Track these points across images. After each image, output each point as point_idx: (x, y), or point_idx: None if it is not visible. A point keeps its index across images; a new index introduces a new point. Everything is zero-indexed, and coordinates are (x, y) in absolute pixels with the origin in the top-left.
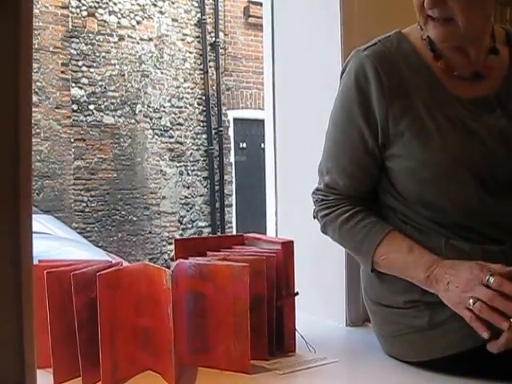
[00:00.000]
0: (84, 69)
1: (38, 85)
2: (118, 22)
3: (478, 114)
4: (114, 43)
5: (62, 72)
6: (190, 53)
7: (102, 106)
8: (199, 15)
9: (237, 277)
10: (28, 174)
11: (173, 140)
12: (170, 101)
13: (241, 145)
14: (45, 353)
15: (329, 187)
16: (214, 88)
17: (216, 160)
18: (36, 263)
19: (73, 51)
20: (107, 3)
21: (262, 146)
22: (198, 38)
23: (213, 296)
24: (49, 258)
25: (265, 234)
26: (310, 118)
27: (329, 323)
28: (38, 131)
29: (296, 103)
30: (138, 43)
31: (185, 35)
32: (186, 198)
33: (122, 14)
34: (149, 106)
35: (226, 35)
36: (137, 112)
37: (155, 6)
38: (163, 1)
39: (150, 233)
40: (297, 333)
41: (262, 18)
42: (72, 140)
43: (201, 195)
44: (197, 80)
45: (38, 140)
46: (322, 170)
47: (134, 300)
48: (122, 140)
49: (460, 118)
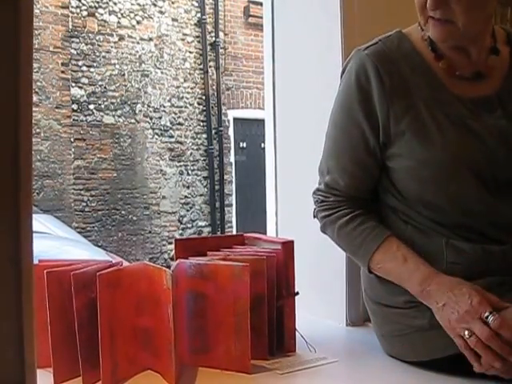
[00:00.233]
0: (84, 68)
1: (38, 84)
2: (118, 22)
3: (478, 114)
4: (114, 43)
5: (62, 72)
6: (190, 52)
7: (102, 106)
8: (199, 15)
9: (237, 276)
10: (28, 173)
11: (173, 140)
12: (170, 100)
13: (241, 144)
14: (45, 352)
15: (329, 187)
16: (214, 88)
17: (216, 160)
18: (36, 263)
19: (73, 51)
20: (107, 3)
21: (261, 145)
22: (198, 37)
23: (213, 296)
24: (49, 257)
25: (265, 233)
26: (311, 117)
27: (329, 323)
28: (38, 131)
29: (296, 103)
30: (138, 43)
31: (185, 35)
32: (185, 197)
33: (122, 14)
34: (149, 106)
35: (226, 35)
36: (137, 112)
37: (155, 5)
38: (163, 1)
39: (150, 232)
40: (297, 333)
41: (262, 17)
42: (72, 140)
43: (201, 195)
44: (197, 80)
45: (38, 140)
46: (323, 170)
47: (134, 300)
48: (122, 140)
49: (461, 117)
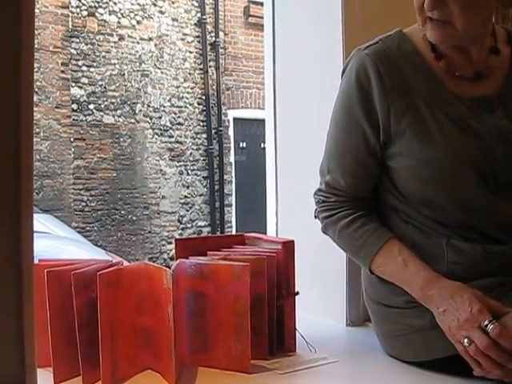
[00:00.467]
0: (84, 68)
1: (38, 84)
2: (118, 22)
3: (479, 114)
4: (114, 43)
5: (62, 72)
6: (190, 52)
7: (102, 106)
8: (199, 15)
9: (237, 276)
10: (29, 174)
11: (173, 139)
12: (169, 100)
13: (241, 144)
14: (45, 352)
15: (330, 187)
16: (214, 88)
17: (216, 160)
18: (36, 262)
19: (73, 51)
20: (107, 3)
21: (261, 145)
22: (198, 37)
23: (213, 295)
24: (48, 257)
25: (264, 234)
26: (311, 117)
27: (329, 323)
28: (37, 131)
29: (297, 103)
30: (138, 43)
31: (185, 35)
32: (185, 197)
33: (122, 14)
34: (149, 106)
35: (226, 35)
36: (137, 111)
37: (155, 5)
38: (163, 0)
39: (150, 232)
40: (297, 332)
41: (262, 17)
42: (72, 139)
43: (200, 195)
44: (197, 80)
45: (37, 139)
46: (324, 170)
47: (134, 299)
48: (121, 139)
49: (461, 117)
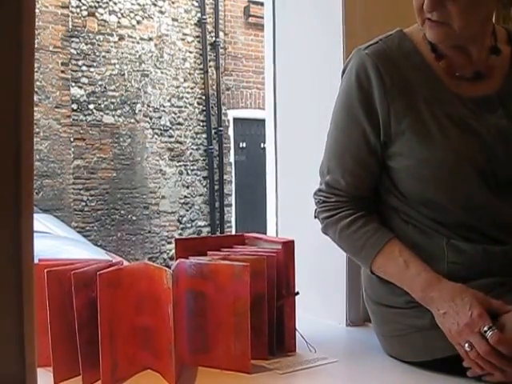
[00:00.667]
0: (84, 68)
1: (38, 84)
2: (118, 22)
3: (479, 114)
4: (114, 43)
5: (62, 71)
6: (190, 52)
7: (102, 106)
8: (199, 15)
9: (237, 276)
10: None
11: (172, 139)
12: (169, 100)
13: (241, 144)
14: (45, 351)
15: (330, 187)
16: (214, 88)
17: (216, 160)
18: (36, 262)
19: (73, 51)
20: (107, 3)
21: (261, 145)
22: (198, 37)
23: (213, 295)
24: (48, 257)
25: (265, 233)
26: (311, 117)
27: (329, 323)
28: (37, 130)
29: (297, 103)
30: (138, 43)
31: (185, 35)
32: (185, 197)
33: (122, 14)
34: (149, 106)
35: (226, 35)
36: (136, 111)
37: (155, 5)
38: (163, 0)
39: (150, 232)
40: (297, 332)
41: (262, 17)
42: (72, 139)
43: (200, 195)
44: (197, 80)
45: (37, 139)
46: (324, 170)
47: (134, 299)
48: (121, 139)
49: (461, 116)
